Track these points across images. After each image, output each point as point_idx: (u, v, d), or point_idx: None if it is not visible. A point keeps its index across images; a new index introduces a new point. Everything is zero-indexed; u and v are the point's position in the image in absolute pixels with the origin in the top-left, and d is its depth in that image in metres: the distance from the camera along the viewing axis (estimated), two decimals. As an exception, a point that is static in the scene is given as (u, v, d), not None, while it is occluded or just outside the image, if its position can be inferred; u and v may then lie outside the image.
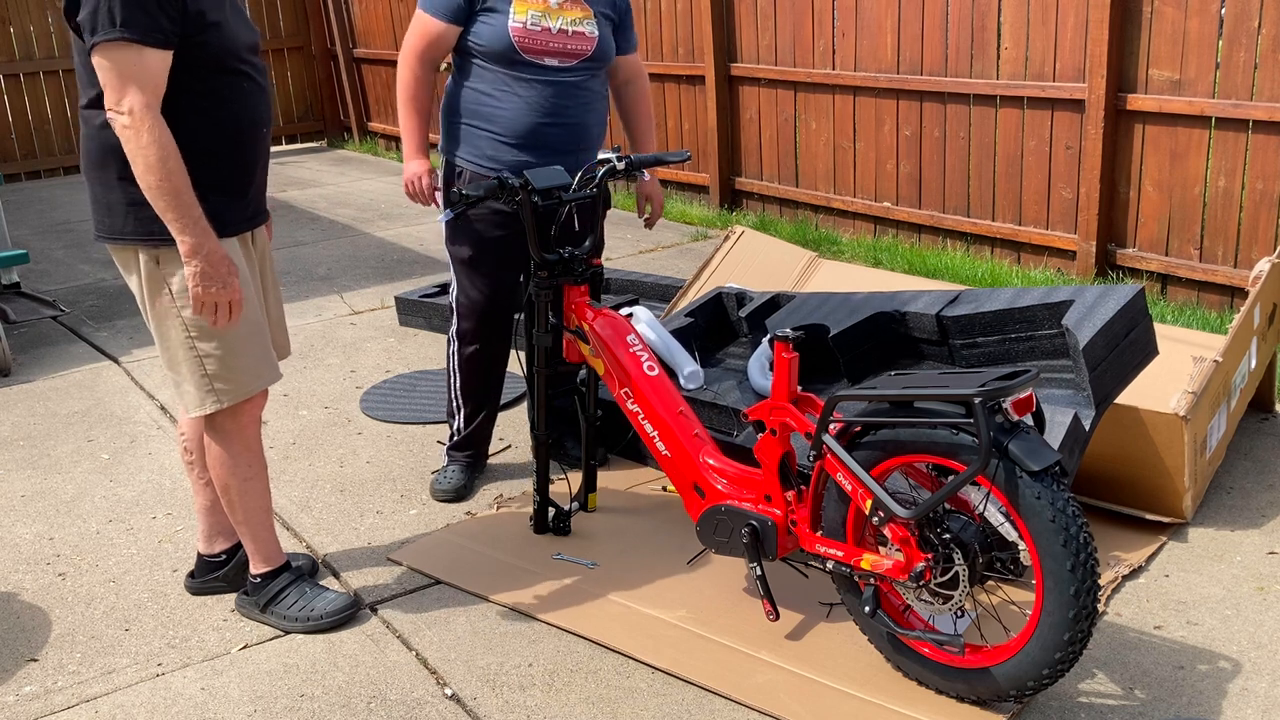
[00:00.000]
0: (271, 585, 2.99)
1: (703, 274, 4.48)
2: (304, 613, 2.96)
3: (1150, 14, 5.01)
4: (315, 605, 2.97)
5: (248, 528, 2.95)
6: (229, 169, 2.72)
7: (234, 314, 2.68)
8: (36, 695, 2.76)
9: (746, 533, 2.69)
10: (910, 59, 6.02)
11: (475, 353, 3.60)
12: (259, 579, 2.99)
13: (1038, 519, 2.23)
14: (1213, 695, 2.52)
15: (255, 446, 2.91)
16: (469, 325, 3.58)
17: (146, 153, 2.50)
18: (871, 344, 3.48)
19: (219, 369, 2.75)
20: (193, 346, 2.73)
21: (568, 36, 3.36)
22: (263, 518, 2.96)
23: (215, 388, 2.76)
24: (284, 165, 10.28)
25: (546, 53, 3.35)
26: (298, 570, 3.06)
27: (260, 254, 2.94)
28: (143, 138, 2.49)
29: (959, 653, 2.42)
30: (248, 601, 3.03)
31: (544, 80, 3.37)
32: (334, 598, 3.00)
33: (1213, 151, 4.96)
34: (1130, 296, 3.09)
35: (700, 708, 2.57)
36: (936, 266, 5.78)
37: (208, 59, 2.62)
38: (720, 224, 7.19)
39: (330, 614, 2.97)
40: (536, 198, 3.01)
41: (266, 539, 2.98)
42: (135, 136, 2.49)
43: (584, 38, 3.38)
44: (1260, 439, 3.74)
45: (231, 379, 2.77)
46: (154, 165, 2.50)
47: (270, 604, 2.98)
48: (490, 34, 3.32)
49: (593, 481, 3.41)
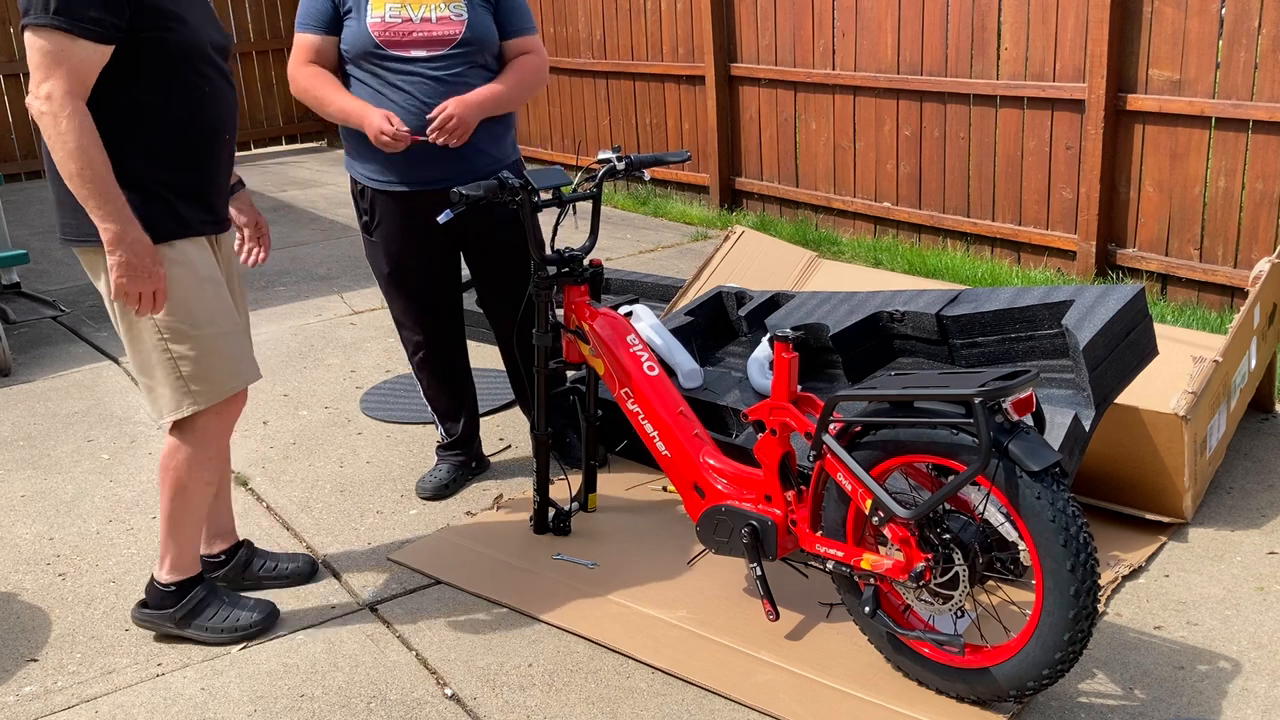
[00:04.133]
0: (189, 597, 2.91)
1: (703, 274, 4.48)
2: (229, 623, 2.91)
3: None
4: (240, 616, 2.92)
5: (184, 533, 2.86)
6: (189, 172, 2.67)
7: (158, 302, 2.62)
8: (36, 695, 2.76)
9: (746, 533, 2.69)
10: (910, 59, 6.02)
11: (424, 359, 3.61)
12: (173, 588, 2.90)
13: (1038, 519, 2.23)
14: (1213, 695, 2.52)
15: (225, 453, 2.88)
16: (409, 335, 3.59)
17: (65, 139, 2.44)
18: (871, 344, 3.48)
19: (194, 370, 2.70)
20: (166, 349, 2.68)
21: (431, 24, 3.21)
22: (200, 526, 2.90)
23: (191, 389, 2.71)
24: (284, 165, 10.28)
25: (411, 44, 3.21)
26: (210, 581, 2.99)
27: (226, 260, 2.89)
28: (61, 124, 2.44)
29: (959, 653, 2.42)
30: (157, 616, 2.92)
31: (412, 74, 3.22)
32: (253, 604, 2.97)
33: (1213, 152, 4.96)
34: (1130, 297, 3.09)
35: (700, 708, 2.57)
36: (936, 266, 5.78)
37: (169, 56, 2.57)
38: (720, 224, 7.19)
39: (257, 623, 2.93)
40: (536, 197, 3.01)
41: (194, 547, 2.91)
42: (53, 123, 2.44)
43: (449, 22, 3.21)
44: (1260, 439, 3.74)
45: (208, 379, 2.73)
46: (73, 152, 2.45)
47: (189, 617, 2.91)
48: (352, 35, 3.24)
49: (593, 481, 3.41)
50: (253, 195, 8.90)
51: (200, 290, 2.71)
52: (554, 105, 8.67)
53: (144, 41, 2.54)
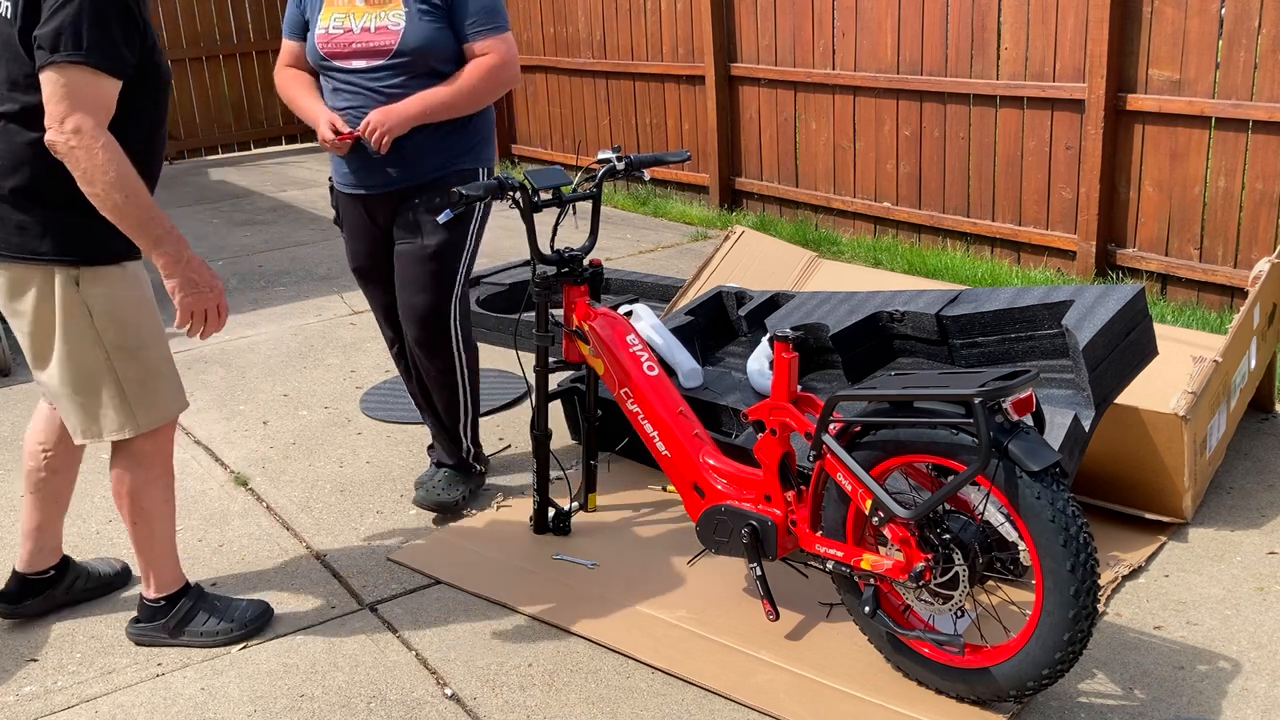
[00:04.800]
0: (178, 608, 2.91)
1: (703, 274, 4.48)
2: (223, 625, 2.91)
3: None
4: (234, 615, 2.93)
5: (156, 552, 2.85)
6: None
7: (223, 317, 2.64)
8: (36, 695, 2.76)
9: (746, 533, 2.69)
10: (910, 59, 6.02)
11: (398, 353, 3.66)
12: (162, 602, 2.90)
13: (1038, 519, 2.23)
14: (1213, 695, 2.52)
15: (171, 466, 2.85)
16: (383, 330, 3.67)
17: (106, 170, 2.42)
18: (871, 344, 3.48)
19: (139, 393, 2.67)
20: (113, 370, 2.64)
21: (370, 34, 3.18)
22: (173, 539, 2.89)
23: (134, 413, 2.68)
24: (284, 165, 10.28)
25: (351, 55, 3.21)
26: (197, 589, 2.98)
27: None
28: (98, 156, 2.42)
29: (959, 653, 2.42)
30: (150, 629, 2.92)
31: (353, 85, 3.23)
32: (246, 605, 2.97)
33: (1213, 151, 4.96)
34: (1130, 297, 3.09)
35: (700, 708, 2.57)
36: (936, 266, 5.78)
37: (154, 84, 2.61)
38: (720, 224, 7.19)
39: (252, 620, 2.93)
40: (536, 197, 3.01)
41: (174, 560, 2.90)
42: (89, 156, 2.41)
43: (386, 32, 3.16)
44: (1260, 439, 3.74)
45: (155, 402, 2.71)
46: (115, 182, 2.43)
47: (182, 625, 2.90)
48: (309, 46, 3.31)
49: (593, 481, 3.41)
50: (253, 195, 8.91)
51: (149, 311, 2.70)
52: (554, 105, 8.67)
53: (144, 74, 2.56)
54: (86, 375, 2.64)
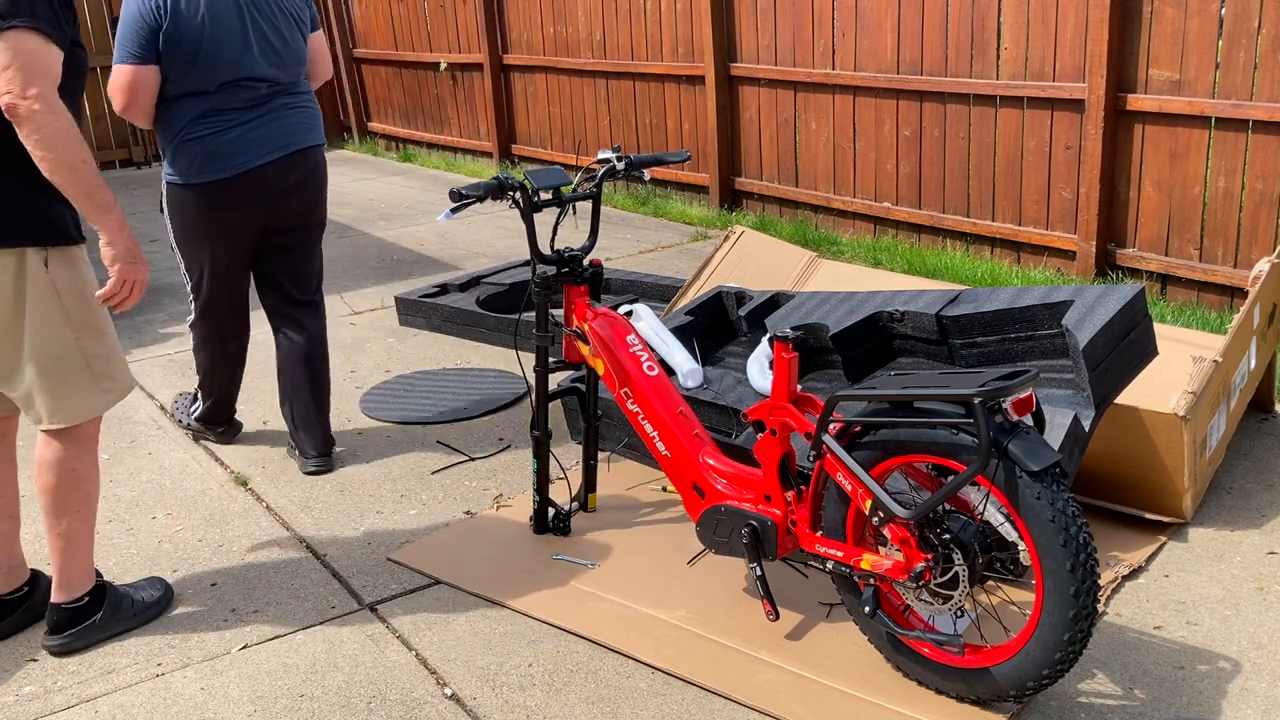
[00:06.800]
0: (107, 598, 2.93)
1: (702, 274, 4.49)
2: (138, 605, 2.98)
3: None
4: (144, 596, 3.01)
5: (83, 541, 2.85)
6: None
7: (141, 291, 2.70)
8: (36, 695, 2.76)
9: (746, 533, 2.69)
10: (910, 59, 6.02)
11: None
12: (85, 599, 2.88)
13: (1037, 519, 2.23)
14: (1213, 695, 2.52)
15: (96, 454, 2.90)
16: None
17: (63, 135, 2.49)
18: (871, 344, 3.48)
19: (105, 368, 2.76)
20: (81, 349, 2.70)
21: None
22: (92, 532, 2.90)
23: (103, 388, 2.75)
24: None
25: None
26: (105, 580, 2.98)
27: None
28: (59, 120, 2.48)
29: (959, 653, 2.42)
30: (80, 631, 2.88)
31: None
32: (145, 584, 3.06)
33: (1213, 151, 4.96)
34: (1130, 297, 3.09)
35: (700, 708, 2.57)
36: (936, 266, 5.78)
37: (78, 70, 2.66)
38: (720, 224, 7.19)
39: (162, 598, 3.03)
40: (536, 197, 3.01)
41: (90, 556, 2.89)
42: (51, 120, 2.48)
43: None
44: (1260, 439, 3.74)
45: (117, 376, 2.80)
46: (72, 146, 2.50)
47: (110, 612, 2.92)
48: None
49: (593, 481, 3.41)
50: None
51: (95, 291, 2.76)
52: (554, 105, 8.67)
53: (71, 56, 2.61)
54: (56, 356, 2.69)
